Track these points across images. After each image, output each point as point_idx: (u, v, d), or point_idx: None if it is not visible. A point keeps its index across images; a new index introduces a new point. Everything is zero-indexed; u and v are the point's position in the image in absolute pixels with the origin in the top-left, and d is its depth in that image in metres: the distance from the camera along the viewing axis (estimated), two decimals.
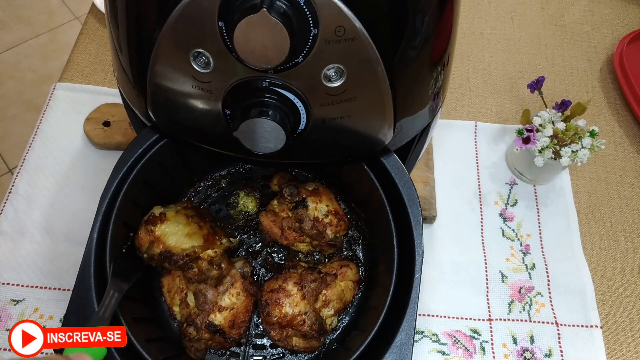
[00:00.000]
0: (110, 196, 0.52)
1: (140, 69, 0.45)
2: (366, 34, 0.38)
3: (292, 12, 0.36)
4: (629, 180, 0.79)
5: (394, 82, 0.43)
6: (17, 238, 0.68)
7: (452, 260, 0.70)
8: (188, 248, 0.54)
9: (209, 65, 0.41)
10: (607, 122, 0.85)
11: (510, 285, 0.69)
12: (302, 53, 0.38)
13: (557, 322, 0.67)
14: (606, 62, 0.91)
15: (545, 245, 0.72)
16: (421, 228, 0.51)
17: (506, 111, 0.84)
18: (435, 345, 0.64)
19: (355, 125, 0.46)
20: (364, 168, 0.54)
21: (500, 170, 0.78)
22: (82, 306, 0.48)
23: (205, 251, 0.55)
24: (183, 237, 0.54)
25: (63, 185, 0.72)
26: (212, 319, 0.54)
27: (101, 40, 0.86)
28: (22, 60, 1.72)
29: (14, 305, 0.64)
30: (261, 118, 0.41)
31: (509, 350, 0.65)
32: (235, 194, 0.66)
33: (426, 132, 0.55)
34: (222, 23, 0.37)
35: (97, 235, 0.51)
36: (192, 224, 0.56)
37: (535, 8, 0.97)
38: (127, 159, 0.53)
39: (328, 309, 0.56)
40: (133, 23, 0.44)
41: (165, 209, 0.57)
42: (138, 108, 0.51)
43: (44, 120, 0.77)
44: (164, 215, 0.55)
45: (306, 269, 0.58)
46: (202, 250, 0.55)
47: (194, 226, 0.56)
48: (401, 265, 0.51)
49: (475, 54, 0.91)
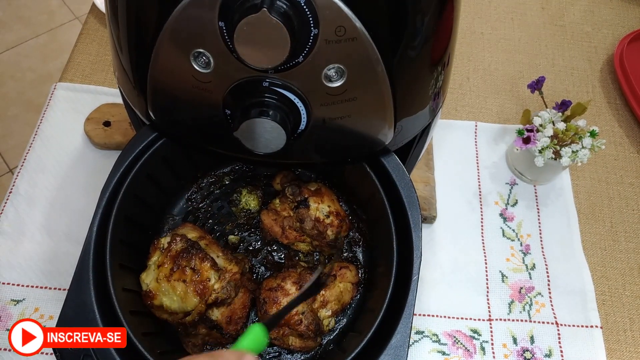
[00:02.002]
0: (111, 190, 0.52)
1: (140, 69, 0.45)
2: (367, 34, 0.38)
3: (292, 12, 0.36)
4: (629, 180, 0.79)
5: (395, 82, 0.43)
6: (18, 238, 0.68)
7: (452, 260, 0.70)
8: (190, 310, 0.53)
9: (210, 65, 0.41)
10: (607, 122, 0.85)
11: (511, 286, 0.69)
12: (302, 53, 0.38)
13: (557, 322, 0.67)
14: (606, 62, 0.91)
15: (546, 246, 0.72)
16: (420, 231, 0.51)
17: (506, 111, 0.84)
18: (435, 345, 0.64)
19: (355, 126, 0.46)
20: (366, 169, 0.54)
21: (501, 170, 0.78)
22: (80, 301, 0.48)
23: (201, 309, 0.53)
24: (180, 303, 0.53)
25: (63, 185, 0.72)
26: (209, 314, 0.54)
27: (101, 40, 0.86)
28: (23, 60, 1.72)
29: (14, 305, 0.64)
30: (262, 118, 0.41)
31: (509, 350, 0.65)
32: (238, 191, 0.67)
33: (426, 132, 0.55)
34: (222, 23, 0.37)
35: (97, 229, 0.51)
36: (179, 284, 0.53)
37: (536, 8, 0.97)
38: (128, 154, 0.53)
39: (326, 309, 0.56)
40: (133, 23, 0.44)
41: (146, 276, 0.54)
42: (138, 108, 0.51)
43: (44, 120, 0.77)
44: (151, 292, 0.53)
45: (305, 268, 0.58)
46: (201, 309, 0.53)
47: (181, 285, 0.53)
48: (400, 268, 0.51)
49: (476, 54, 0.91)
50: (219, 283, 0.53)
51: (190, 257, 0.53)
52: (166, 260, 0.54)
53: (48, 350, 0.61)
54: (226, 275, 0.54)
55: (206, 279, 0.53)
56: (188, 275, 0.53)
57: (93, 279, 0.49)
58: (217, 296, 0.53)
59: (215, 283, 0.53)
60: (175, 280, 0.52)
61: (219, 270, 0.54)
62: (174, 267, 0.53)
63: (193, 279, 0.53)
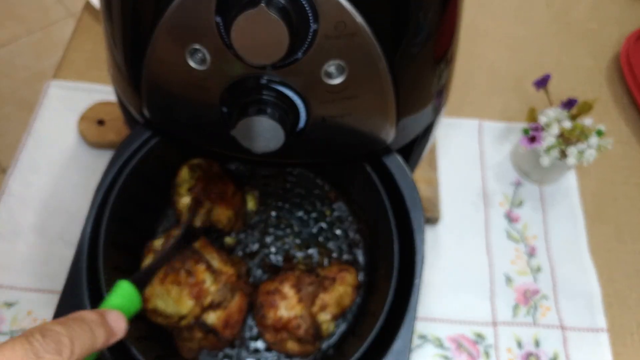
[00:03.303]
0: (105, 190, 0.51)
1: (135, 66, 0.44)
2: (368, 29, 0.37)
3: (291, 7, 0.35)
4: (635, 181, 0.78)
5: (397, 79, 0.41)
6: (11, 239, 0.66)
7: (456, 262, 0.69)
8: (185, 314, 0.52)
9: (206, 62, 0.40)
10: (613, 121, 0.83)
11: (516, 289, 0.67)
12: (301, 49, 0.37)
13: (563, 325, 0.65)
14: (613, 60, 0.89)
15: (551, 248, 0.71)
16: (423, 233, 0.50)
17: (511, 109, 0.83)
18: (438, 350, 0.63)
19: (356, 124, 0.45)
20: (367, 169, 0.53)
21: (506, 170, 0.77)
22: (73, 303, 0.47)
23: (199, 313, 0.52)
24: (175, 306, 0.52)
25: (57, 185, 0.71)
26: (205, 318, 0.53)
27: (96, 38, 0.85)
28: (16, 58, 1.71)
29: (7, 308, 0.62)
30: (259, 116, 0.40)
31: (514, 354, 0.63)
32: None
33: (429, 131, 0.54)
34: (219, 18, 0.36)
35: (90, 230, 0.50)
36: (173, 287, 0.51)
37: (540, 5, 0.96)
38: (123, 153, 0.52)
39: (325, 313, 0.55)
40: (128, 19, 0.43)
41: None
42: (133, 106, 0.50)
43: (37, 118, 0.76)
44: (144, 296, 0.51)
45: (304, 271, 0.57)
46: (196, 312, 0.52)
47: (175, 288, 0.51)
48: (401, 271, 0.50)
49: (480, 51, 0.89)
50: (215, 286, 0.52)
51: (184, 260, 0.52)
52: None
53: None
54: (222, 278, 0.53)
55: (201, 281, 0.52)
56: (182, 278, 0.51)
57: (86, 282, 0.48)
58: (213, 299, 0.52)
59: (210, 286, 0.52)
60: (170, 283, 0.51)
61: (215, 272, 0.53)
62: (168, 270, 0.51)
63: (188, 281, 0.51)
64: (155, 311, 0.52)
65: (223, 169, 0.61)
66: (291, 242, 0.63)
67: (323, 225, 0.64)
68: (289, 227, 0.64)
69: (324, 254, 0.62)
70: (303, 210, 0.65)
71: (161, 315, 0.52)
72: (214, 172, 0.59)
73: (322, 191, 0.65)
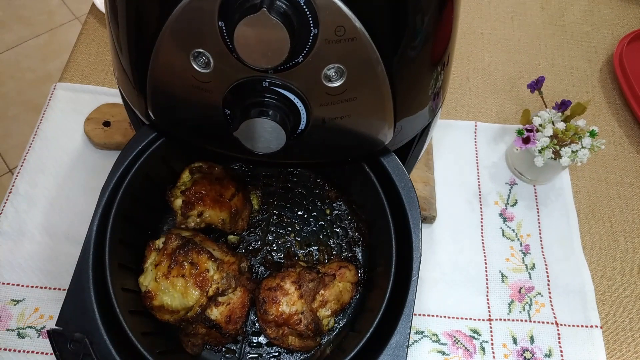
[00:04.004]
0: (111, 190, 0.52)
1: (140, 69, 0.45)
2: (366, 34, 0.38)
3: (292, 12, 0.36)
4: (628, 180, 0.79)
5: (394, 82, 0.42)
6: (18, 238, 0.67)
7: (452, 260, 0.70)
8: (191, 305, 0.53)
9: (209, 65, 0.41)
10: (607, 122, 0.85)
11: (510, 285, 0.69)
12: (302, 53, 0.38)
13: (557, 322, 0.67)
14: (606, 62, 0.91)
15: (545, 245, 0.72)
16: (420, 231, 0.51)
17: (506, 111, 0.84)
18: (435, 345, 0.64)
19: (355, 125, 0.46)
20: (365, 169, 0.54)
21: (500, 170, 0.78)
22: (79, 301, 0.48)
23: (204, 305, 0.53)
24: (181, 299, 0.53)
25: (63, 186, 0.72)
26: (209, 313, 0.54)
27: (101, 40, 0.86)
28: (22, 60, 1.72)
29: (14, 305, 0.64)
30: (261, 118, 0.41)
31: (509, 350, 0.65)
32: None
33: (426, 132, 0.55)
34: (222, 23, 0.37)
35: (96, 229, 0.51)
36: (178, 279, 0.53)
37: (535, 8, 0.97)
38: (128, 153, 0.53)
39: (325, 309, 0.56)
40: (133, 23, 0.44)
41: (144, 278, 0.54)
42: (138, 108, 0.51)
43: (44, 120, 0.77)
44: (150, 293, 0.53)
45: (305, 268, 0.58)
46: (202, 302, 0.53)
47: (180, 280, 0.53)
48: (399, 268, 0.51)
49: (475, 54, 0.91)
50: (219, 274, 0.53)
51: (187, 252, 0.53)
52: (163, 258, 0.54)
53: (48, 350, 0.61)
54: (224, 267, 0.54)
55: (205, 270, 0.53)
56: (186, 269, 0.53)
57: (92, 279, 0.49)
58: (218, 287, 0.53)
59: (214, 274, 0.53)
60: (174, 277, 0.52)
61: (217, 260, 0.54)
62: (172, 264, 0.53)
63: (192, 272, 0.53)
64: (162, 307, 0.53)
65: (226, 172, 0.62)
66: (292, 240, 0.64)
67: (323, 223, 0.65)
68: (290, 225, 0.65)
69: (324, 251, 0.64)
70: (304, 209, 0.66)
71: (168, 311, 0.53)
72: (214, 175, 0.60)
73: (322, 191, 0.67)
